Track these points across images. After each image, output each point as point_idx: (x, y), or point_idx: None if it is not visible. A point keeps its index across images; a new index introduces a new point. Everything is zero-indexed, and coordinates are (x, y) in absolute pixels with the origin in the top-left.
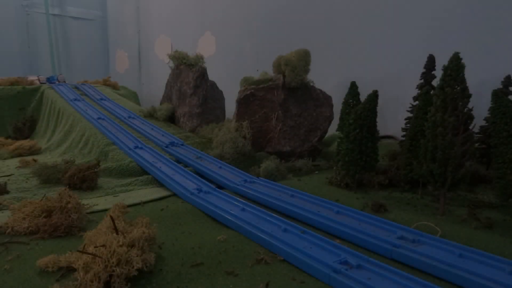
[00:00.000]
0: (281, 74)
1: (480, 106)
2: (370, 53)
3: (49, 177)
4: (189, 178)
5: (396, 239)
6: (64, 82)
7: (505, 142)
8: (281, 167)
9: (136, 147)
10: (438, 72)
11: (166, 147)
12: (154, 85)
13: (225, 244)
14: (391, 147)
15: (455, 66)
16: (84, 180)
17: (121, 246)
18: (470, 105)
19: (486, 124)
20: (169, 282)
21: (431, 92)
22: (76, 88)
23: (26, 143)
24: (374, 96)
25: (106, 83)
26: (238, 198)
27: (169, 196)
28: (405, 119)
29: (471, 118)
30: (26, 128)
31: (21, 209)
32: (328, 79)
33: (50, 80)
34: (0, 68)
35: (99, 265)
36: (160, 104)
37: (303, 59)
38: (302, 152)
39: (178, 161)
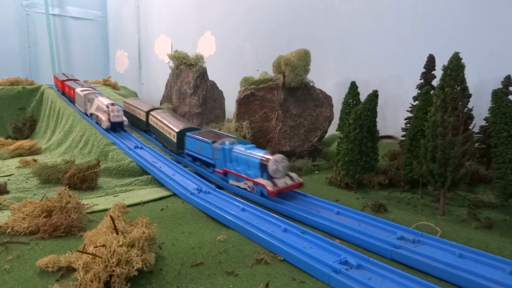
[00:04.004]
0: (281, 74)
1: (480, 106)
2: (370, 53)
3: (49, 177)
4: (189, 178)
5: (396, 239)
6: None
7: (505, 142)
8: None
9: (136, 147)
10: (438, 72)
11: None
12: (154, 85)
13: (225, 244)
14: (391, 147)
15: (455, 66)
16: (84, 180)
17: (121, 246)
18: (470, 105)
19: (486, 124)
20: (169, 282)
21: (431, 92)
22: None
23: (26, 143)
24: (374, 96)
25: (106, 83)
26: (238, 198)
27: (169, 196)
28: (405, 119)
29: (471, 118)
30: (26, 128)
31: (21, 209)
32: (328, 79)
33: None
34: (0, 68)
35: (99, 265)
36: (160, 104)
37: (303, 59)
38: (302, 152)
39: (178, 161)
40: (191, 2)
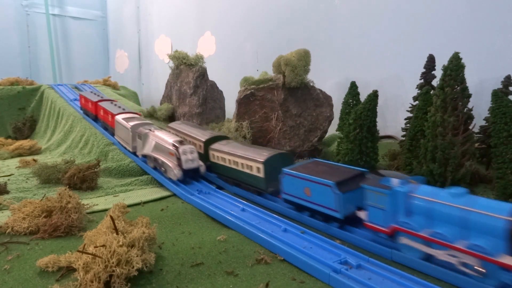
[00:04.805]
0: (281, 74)
1: (480, 106)
2: (370, 53)
3: (49, 177)
4: None
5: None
6: None
7: (505, 142)
8: None
9: None
10: (438, 72)
11: None
12: (154, 85)
13: (225, 244)
14: (391, 147)
15: (455, 66)
16: (84, 180)
17: (121, 246)
18: (470, 105)
19: (486, 124)
20: (169, 282)
21: (431, 92)
22: (76, 88)
23: (26, 143)
24: (374, 96)
25: (106, 83)
26: (238, 198)
27: (169, 196)
28: (405, 119)
29: (471, 118)
30: (26, 128)
31: (21, 209)
32: (328, 79)
33: None
34: (0, 68)
35: (99, 265)
36: (160, 104)
37: (303, 59)
38: (302, 152)
39: None
40: (191, 2)
